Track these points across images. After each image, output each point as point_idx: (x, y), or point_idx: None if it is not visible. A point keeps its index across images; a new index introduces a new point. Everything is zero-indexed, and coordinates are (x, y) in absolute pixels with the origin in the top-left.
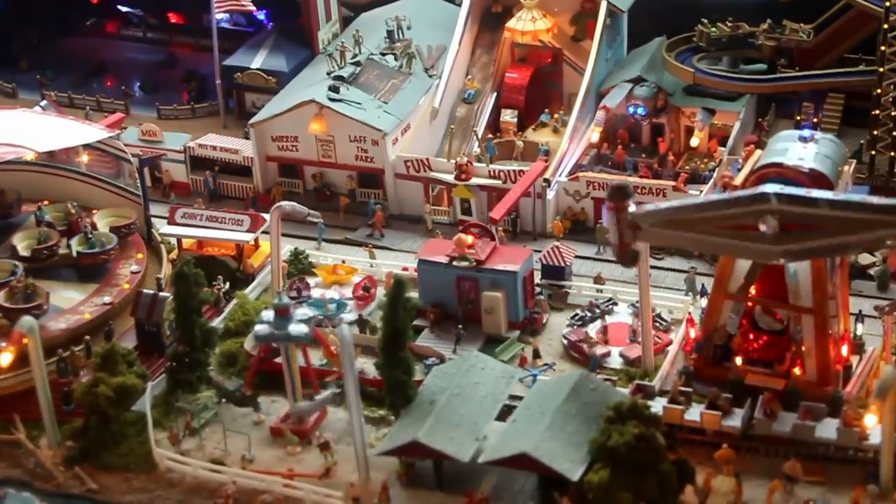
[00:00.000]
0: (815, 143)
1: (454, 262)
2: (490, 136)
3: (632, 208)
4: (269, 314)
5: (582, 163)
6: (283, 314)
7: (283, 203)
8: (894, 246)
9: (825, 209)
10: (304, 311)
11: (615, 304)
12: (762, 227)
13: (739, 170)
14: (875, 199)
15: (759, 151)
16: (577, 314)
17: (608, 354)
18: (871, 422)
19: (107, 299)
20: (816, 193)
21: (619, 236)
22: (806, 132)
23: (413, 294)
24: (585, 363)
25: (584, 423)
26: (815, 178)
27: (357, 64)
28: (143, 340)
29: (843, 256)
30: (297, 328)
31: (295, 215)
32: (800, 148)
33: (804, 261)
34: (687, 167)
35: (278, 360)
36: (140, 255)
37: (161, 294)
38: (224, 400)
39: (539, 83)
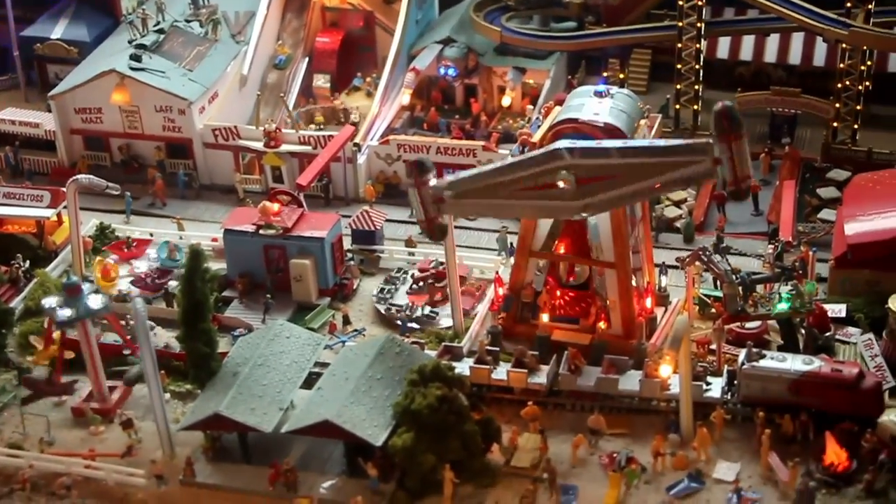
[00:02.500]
0: (611, 98)
1: (260, 231)
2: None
3: (432, 182)
4: None
5: (395, 126)
6: (73, 293)
7: (80, 176)
8: (691, 184)
9: (616, 158)
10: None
11: None
12: (560, 184)
13: (539, 127)
14: (661, 142)
15: (558, 108)
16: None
17: None
18: (666, 372)
19: None
20: (607, 143)
21: (423, 211)
22: (601, 87)
23: (213, 265)
24: None
25: (390, 387)
26: (610, 132)
27: (160, 32)
28: None
29: (643, 201)
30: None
31: (93, 188)
32: (595, 103)
33: (605, 212)
34: (499, 127)
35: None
36: None
37: None
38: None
39: (351, 47)
